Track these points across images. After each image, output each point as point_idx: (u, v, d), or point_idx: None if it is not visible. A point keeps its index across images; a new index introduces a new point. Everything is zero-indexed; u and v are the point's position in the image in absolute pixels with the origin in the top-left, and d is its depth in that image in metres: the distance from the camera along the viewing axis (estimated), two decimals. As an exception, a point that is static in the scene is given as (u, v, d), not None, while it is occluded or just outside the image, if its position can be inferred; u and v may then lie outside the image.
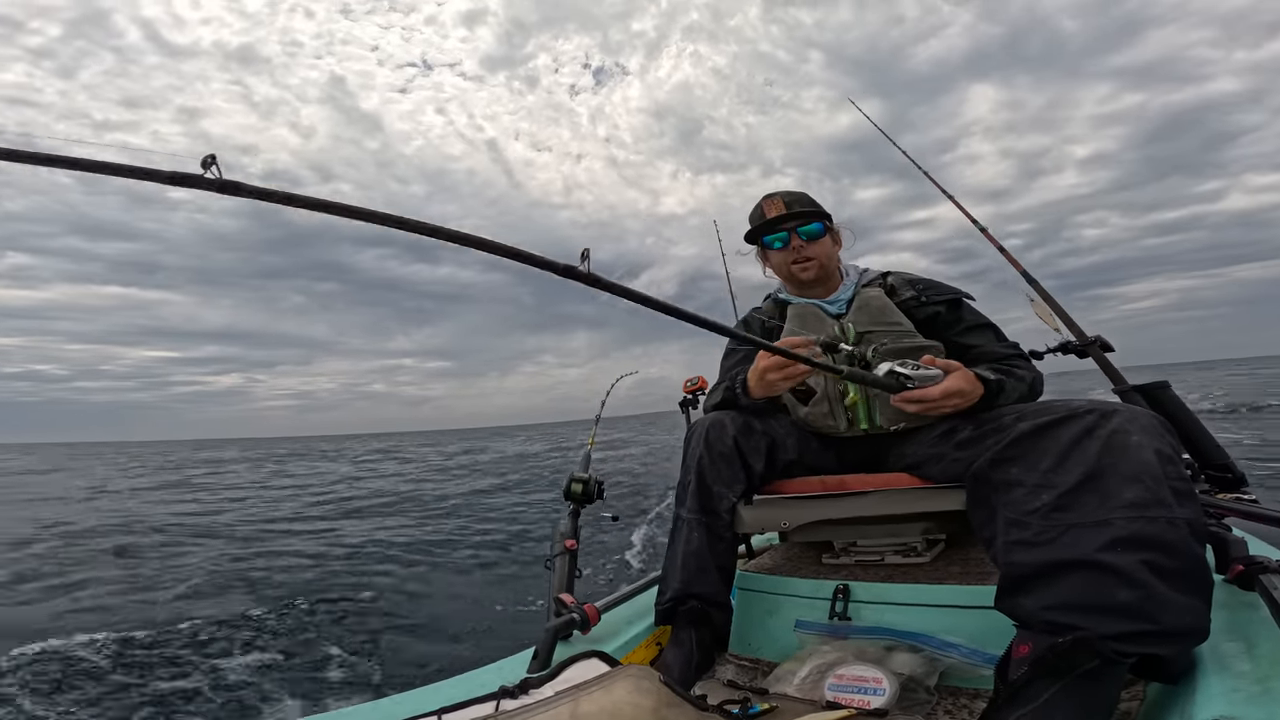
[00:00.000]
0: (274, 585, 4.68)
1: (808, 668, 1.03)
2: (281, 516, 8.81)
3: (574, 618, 1.18)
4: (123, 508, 10.43)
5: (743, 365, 1.53)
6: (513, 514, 8.19)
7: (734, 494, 1.26)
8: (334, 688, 2.94)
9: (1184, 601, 0.73)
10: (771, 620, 1.30)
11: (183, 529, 7.71)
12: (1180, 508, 0.77)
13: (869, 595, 1.20)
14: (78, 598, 4.46)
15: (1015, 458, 0.93)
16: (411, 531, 6.88)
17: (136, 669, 3.10)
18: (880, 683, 0.93)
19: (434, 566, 5.24)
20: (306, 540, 6.66)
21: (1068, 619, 0.76)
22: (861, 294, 1.44)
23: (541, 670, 0.97)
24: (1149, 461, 0.80)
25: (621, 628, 1.29)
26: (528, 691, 0.86)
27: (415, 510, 8.78)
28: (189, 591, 4.56)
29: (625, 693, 0.85)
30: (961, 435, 1.09)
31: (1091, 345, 1.78)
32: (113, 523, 8.37)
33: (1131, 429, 0.84)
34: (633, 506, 7.83)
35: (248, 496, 12.03)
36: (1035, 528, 0.84)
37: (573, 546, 1.42)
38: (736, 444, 1.27)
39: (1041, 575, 0.81)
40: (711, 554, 1.22)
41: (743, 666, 1.23)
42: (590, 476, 1.62)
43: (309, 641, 3.52)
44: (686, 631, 1.19)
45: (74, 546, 6.50)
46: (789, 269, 1.47)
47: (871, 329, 1.34)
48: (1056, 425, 0.90)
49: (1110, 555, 0.75)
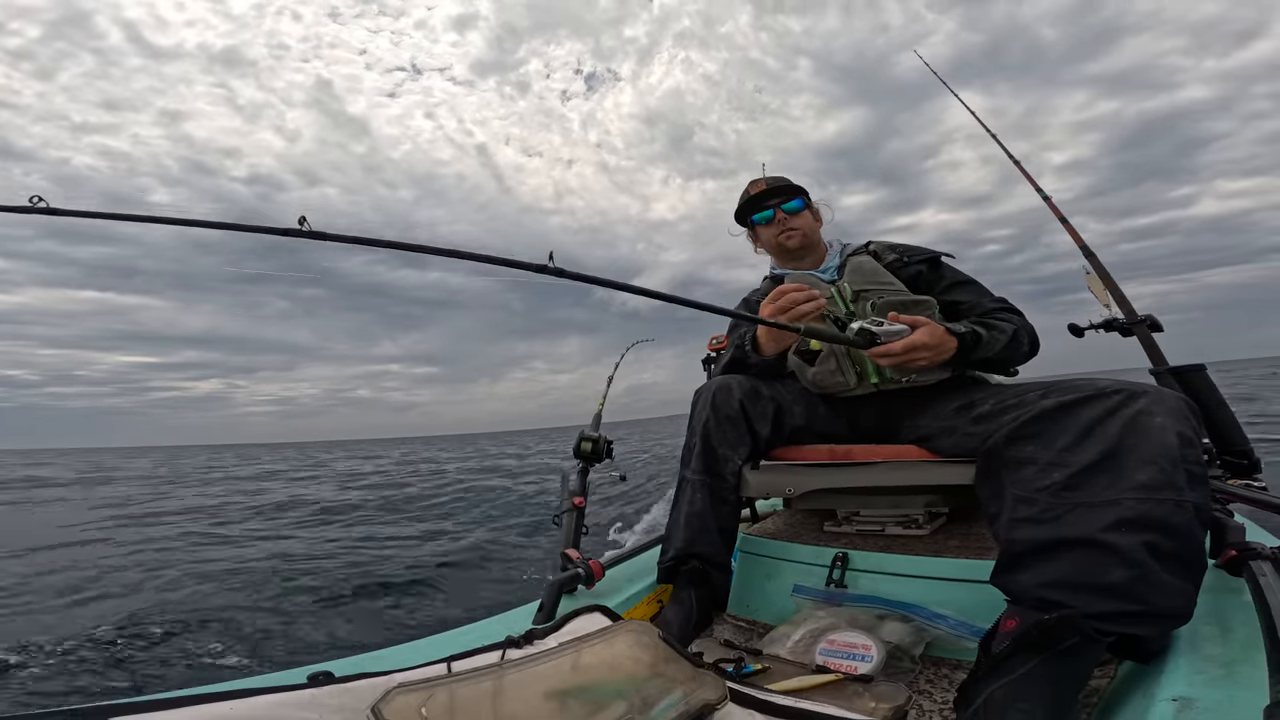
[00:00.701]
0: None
1: (801, 632, 1.07)
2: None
3: (579, 573, 1.23)
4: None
5: (750, 329, 1.55)
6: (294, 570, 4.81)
7: (739, 457, 1.28)
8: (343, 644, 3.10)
9: (1175, 584, 0.74)
10: (770, 584, 1.34)
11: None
12: (1190, 491, 0.77)
13: (867, 564, 1.23)
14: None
15: (1033, 435, 0.93)
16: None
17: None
18: (869, 650, 0.96)
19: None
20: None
21: (1058, 596, 0.78)
22: (851, 260, 1.50)
23: (546, 622, 1.01)
24: (1170, 444, 0.79)
25: (624, 584, 1.34)
26: (532, 642, 0.90)
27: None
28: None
29: (625, 646, 0.89)
30: (980, 409, 1.09)
31: (1139, 324, 1.74)
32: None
33: (1157, 410, 0.83)
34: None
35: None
36: (1042, 505, 0.85)
37: (580, 504, 1.46)
38: (743, 407, 1.28)
39: (1041, 552, 0.82)
40: (714, 515, 1.26)
41: (740, 627, 1.28)
42: (600, 435, 1.65)
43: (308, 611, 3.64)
44: (687, 591, 1.24)
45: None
46: (776, 240, 1.58)
47: (866, 287, 1.38)
48: (1080, 404, 0.89)
49: (1113, 535, 0.76)
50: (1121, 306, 1.79)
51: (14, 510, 11.26)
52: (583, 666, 0.85)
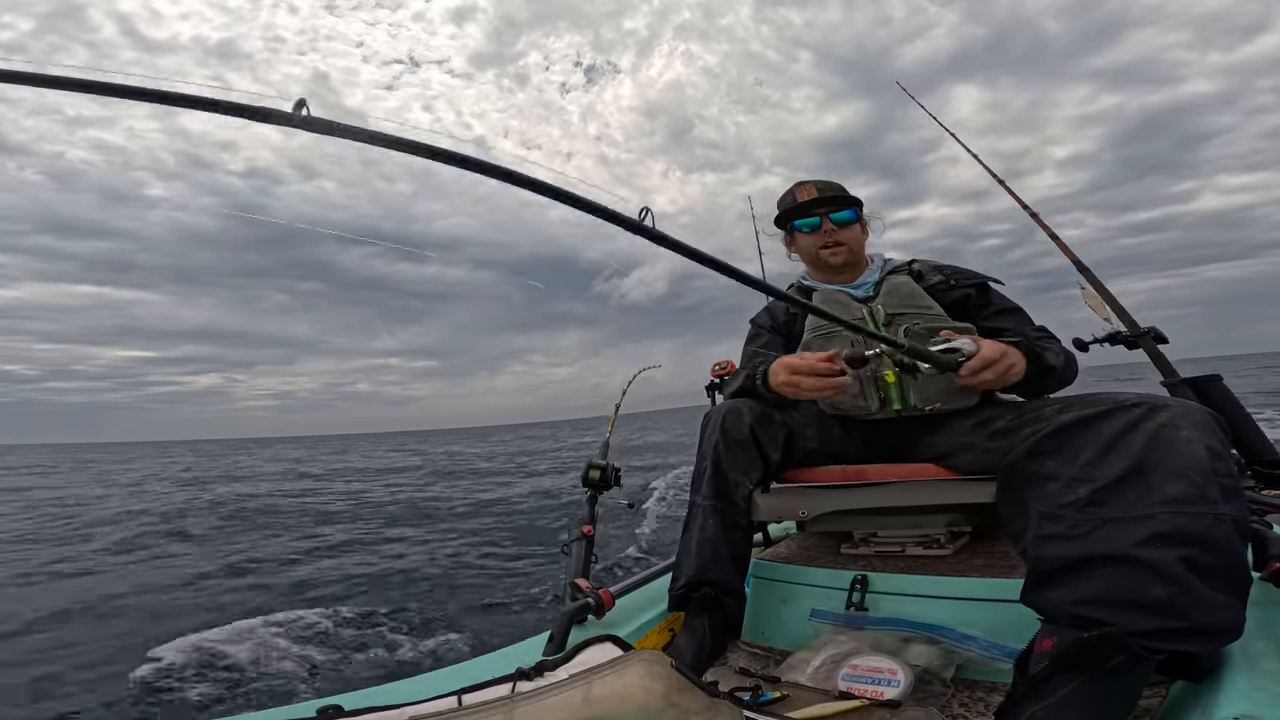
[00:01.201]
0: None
1: (821, 657, 1.03)
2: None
3: (589, 602, 1.19)
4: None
5: (764, 352, 1.52)
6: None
7: (750, 481, 1.25)
8: (362, 677, 3.02)
9: (1220, 599, 0.70)
10: (786, 609, 1.29)
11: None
12: (1226, 504, 0.74)
13: (887, 586, 1.19)
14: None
15: (1053, 450, 0.90)
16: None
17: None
18: (895, 674, 0.92)
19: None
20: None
21: (1096, 613, 0.74)
22: (889, 279, 1.43)
23: (556, 653, 0.98)
24: (1199, 457, 0.76)
25: (635, 613, 1.30)
26: (543, 674, 0.87)
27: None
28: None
29: (637, 677, 0.85)
30: (997, 425, 1.07)
31: (1144, 336, 1.72)
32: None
33: (1182, 424, 0.80)
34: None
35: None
36: (1069, 521, 0.82)
37: (590, 532, 1.43)
38: (753, 432, 1.26)
39: (1073, 569, 0.79)
40: (726, 541, 1.22)
41: (755, 654, 1.23)
42: (608, 464, 1.63)
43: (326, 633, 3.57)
44: (699, 618, 1.20)
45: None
46: (817, 253, 1.48)
47: (901, 311, 1.32)
48: (1100, 418, 0.87)
49: (1148, 550, 0.73)
50: (1122, 319, 1.77)
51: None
52: (594, 698, 0.81)
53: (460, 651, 3.29)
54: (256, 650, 3.32)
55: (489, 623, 3.75)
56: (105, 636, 3.76)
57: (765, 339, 1.57)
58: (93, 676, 3.14)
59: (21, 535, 8.02)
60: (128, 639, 3.63)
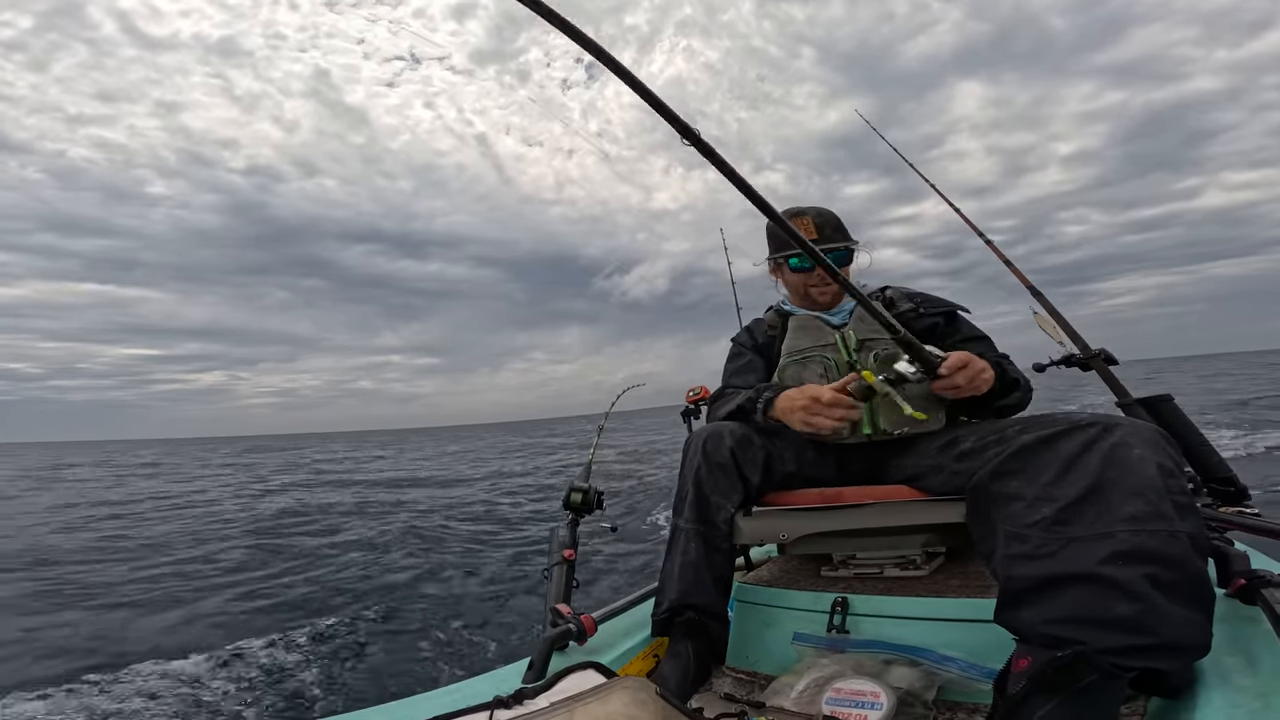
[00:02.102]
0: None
1: (805, 681, 1.02)
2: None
3: (570, 628, 1.17)
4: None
5: (748, 373, 1.53)
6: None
7: (731, 504, 1.26)
8: (323, 699, 2.89)
9: (1185, 615, 0.72)
10: (769, 633, 1.29)
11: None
12: (1182, 521, 0.76)
13: (867, 608, 1.19)
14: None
15: (1016, 470, 0.93)
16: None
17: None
18: (878, 697, 0.92)
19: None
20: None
21: (1067, 632, 0.76)
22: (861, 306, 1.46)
23: (537, 680, 0.96)
24: (1151, 475, 0.80)
25: (618, 639, 1.29)
26: (522, 702, 0.85)
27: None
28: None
29: (621, 704, 0.84)
30: (963, 446, 1.09)
31: (1095, 358, 1.78)
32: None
33: (1134, 442, 0.84)
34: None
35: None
36: (1035, 541, 0.84)
37: (571, 556, 1.41)
38: (733, 455, 1.27)
39: (1041, 588, 0.81)
40: (709, 565, 1.22)
41: (740, 679, 1.22)
42: (590, 486, 1.62)
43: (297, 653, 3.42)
44: (683, 643, 1.18)
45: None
46: (806, 291, 1.51)
47: (872, 336, 1.36)
48: (1058, 438, 0.90)
49: (1111, 569, 0.75)
50: (1075, 342, 1.84)
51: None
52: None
53: (436, 677, 3.18)
54: (226, 680, 3.18)
55: (466, 648, 3.63)
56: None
57: (747, 359, 1.59)
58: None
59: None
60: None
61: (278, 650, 3.54)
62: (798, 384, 1.35)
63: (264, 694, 3.02)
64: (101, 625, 4.15)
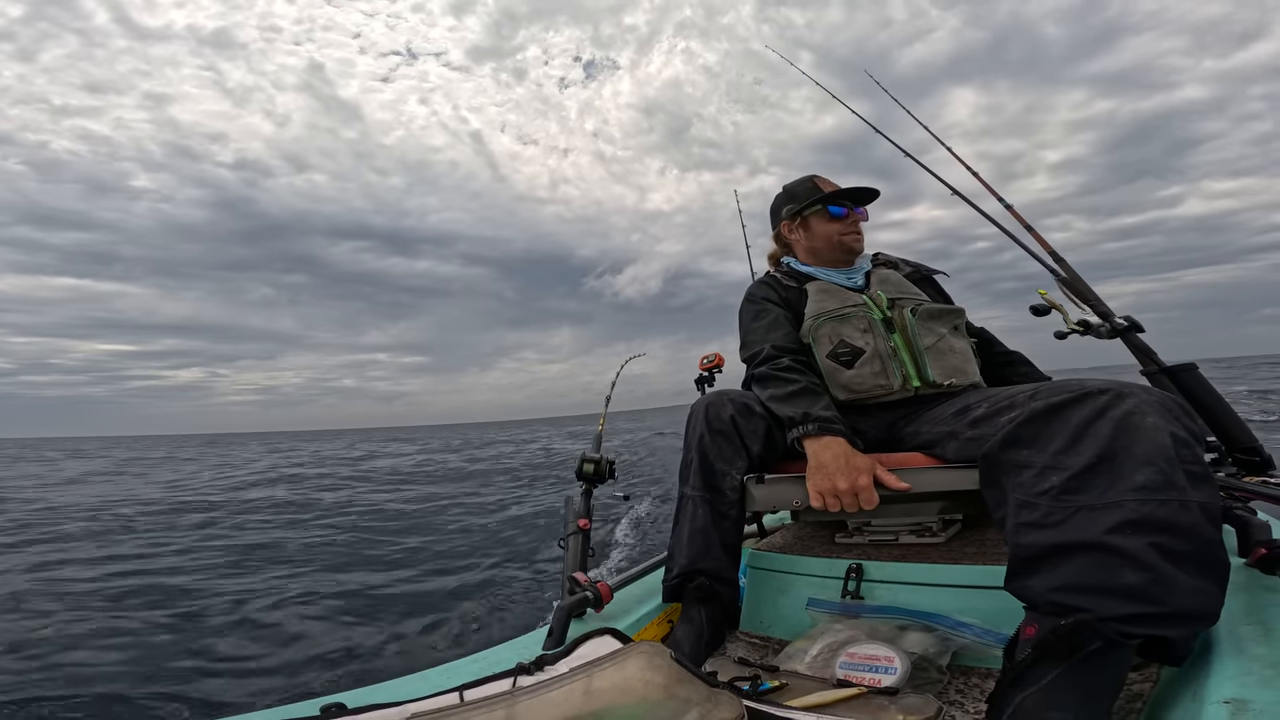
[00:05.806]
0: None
1: (819, 646, 1.04)
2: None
3: (587, 596, 1.19)
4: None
5: (778, 329, 1.47)
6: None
7: (736, 471, 1.26)
8: (357, 673, 3.00)
9: (1193, 584, 0.72)
10: (783, 599, 1.30)
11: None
12: (1194, 490, 0.75)
13: (882, 575, 1.20)
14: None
15: (1026, 438, 0.91)
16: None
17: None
18: (892, 661, 0.93)
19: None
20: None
21: (1073, 600, 0.76)
22: (876, 271, 1.53)
23: (556, 647, 0.99)
24: (1163, 444, 0.78)
25: (633, 606, 1.31)
26: (543, 668, 0.87)
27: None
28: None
29: (637, 669, 0.86)
30: (976, 413, 1.08)
31: (1120, 327, 1.73)
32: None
33: (1147, 410, 0.81)
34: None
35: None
36: (1044, 509, 0.83)
37: (586, 526, 1.43)
38: (734, 422, 1.27)
39: (1049, 556, 0.81)
40: (716, 530, 1.24)
41: (754, 644, 1.24)
42: (601, 456, 1.63)
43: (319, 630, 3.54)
44: (696, 609, 1.20)
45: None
46: (839, 239, 1.55)
47: (900, 295, 1.42)
48: (1070, 405, 0.88)
49: (1118, 538, 0.74)
50: (1097, 311, 1.79)
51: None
52: (595, 691, 0.82)
53: (461, 647, 3.29)
54: (259, 646, 3.32)
55: (488, 618, 3.75)
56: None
57: (774, 314, 1.50)
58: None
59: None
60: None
61: (310, 620, 3.69)
62: (836, 340, 1.36)
63: (290, 661, 3.15)
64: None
